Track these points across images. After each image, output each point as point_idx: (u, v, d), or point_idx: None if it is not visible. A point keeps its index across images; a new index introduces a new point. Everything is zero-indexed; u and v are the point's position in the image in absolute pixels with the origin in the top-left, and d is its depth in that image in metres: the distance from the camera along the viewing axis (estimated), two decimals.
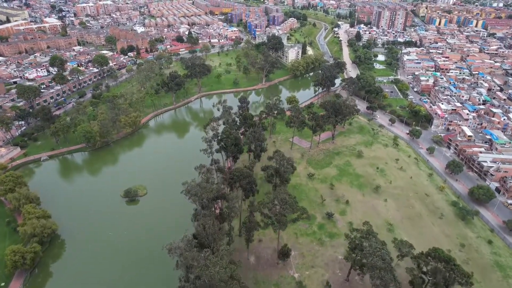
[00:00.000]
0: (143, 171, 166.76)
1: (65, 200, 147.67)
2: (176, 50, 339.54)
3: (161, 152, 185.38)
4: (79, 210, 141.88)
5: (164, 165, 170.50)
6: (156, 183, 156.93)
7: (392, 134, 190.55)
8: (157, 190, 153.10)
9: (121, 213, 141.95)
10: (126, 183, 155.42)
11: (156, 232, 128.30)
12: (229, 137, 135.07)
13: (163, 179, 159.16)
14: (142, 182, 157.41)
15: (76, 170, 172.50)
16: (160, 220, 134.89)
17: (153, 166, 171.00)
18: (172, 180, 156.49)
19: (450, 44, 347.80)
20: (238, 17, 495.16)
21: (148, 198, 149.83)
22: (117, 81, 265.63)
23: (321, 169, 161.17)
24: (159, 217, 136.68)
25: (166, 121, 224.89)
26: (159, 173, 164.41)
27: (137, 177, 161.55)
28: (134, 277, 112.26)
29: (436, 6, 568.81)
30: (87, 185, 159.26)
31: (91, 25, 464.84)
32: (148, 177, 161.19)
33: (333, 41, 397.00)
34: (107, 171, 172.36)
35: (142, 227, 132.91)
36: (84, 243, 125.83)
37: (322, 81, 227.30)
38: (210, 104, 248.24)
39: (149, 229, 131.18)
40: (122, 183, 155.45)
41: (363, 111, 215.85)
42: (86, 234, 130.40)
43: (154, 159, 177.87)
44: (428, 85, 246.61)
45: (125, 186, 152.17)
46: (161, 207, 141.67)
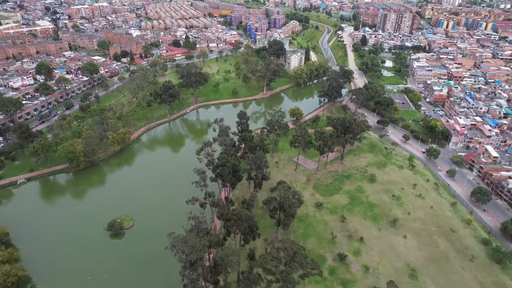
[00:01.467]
0: (131, 197, 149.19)
1: (41, 233, 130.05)
2: (172, 55, 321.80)
3: (152, 172, 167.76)
4: (56, 246, 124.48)
5: (155, 190, 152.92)
6: (144, 213, 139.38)
7: (407, 153, 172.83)
8: (146, 221, 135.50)
9: (104, 250, 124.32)
10: (111, 212, 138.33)
11: (142, 276, 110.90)
12: (226, 165, 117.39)
13: (153, 208, 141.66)
14: (129, 211, 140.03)
15: (55, 196, 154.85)
16: (147, 260, 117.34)
17: (143, 190, 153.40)
18: (163, 209, 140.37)
19: (460, 48, 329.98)
20: (237, 19, 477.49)
21: (135, 231, 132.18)
22: (108, 90, 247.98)
23: (330, 196, 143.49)
24: (146, 256, 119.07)
25: (160, 136, 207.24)
26: (149, 199, 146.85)
27: (124, 204, 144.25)
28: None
29: (442, 8, 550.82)
30: (67, 214, 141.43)
31: (85, 28, 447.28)
32: (136, 205, 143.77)
33: (337, 45, 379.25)
34: (91, 196, 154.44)
35: (126, 269, 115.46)
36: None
37: (328, 92, 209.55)
38: (208, 115, 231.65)
39: (134, 272, 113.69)
40: (107, 212, 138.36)
41: (373, 125, 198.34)
42: (62, 277, 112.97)
43: (144, 182, 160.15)
44: (441, 95, 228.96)
45: (110, 216, 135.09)
46: (149, 244, 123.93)
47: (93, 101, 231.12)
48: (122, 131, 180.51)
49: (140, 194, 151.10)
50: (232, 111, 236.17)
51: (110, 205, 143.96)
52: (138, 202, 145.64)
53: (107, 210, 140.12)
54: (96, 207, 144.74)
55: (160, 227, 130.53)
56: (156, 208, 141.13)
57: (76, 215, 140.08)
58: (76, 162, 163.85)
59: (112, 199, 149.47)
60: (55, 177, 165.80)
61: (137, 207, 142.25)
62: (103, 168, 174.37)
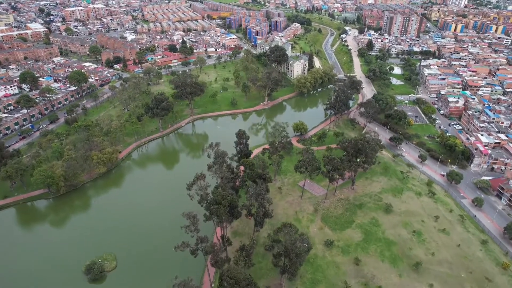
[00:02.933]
0: (115, 230, 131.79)
1: (7, 279, 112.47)
2: (168, 61, 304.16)
3: (141, 198, 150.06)
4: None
5: (144, 221, 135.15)
6: (130, 250, 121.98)
7: (425, 177, 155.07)
8: (130, 261, 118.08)
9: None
10: (91, 247, 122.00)
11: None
12: (221, 204, 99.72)
13: (139, 242, 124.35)
14: (112, 247, 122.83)
15: (28, 228, 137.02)
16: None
17: (129, 221, 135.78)
18: (150, 246, 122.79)
19: (472, 54, 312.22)
20: (237, 22, 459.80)
21: (118, 274, 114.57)
22: (97, 101, 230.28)
23: (341, 231, 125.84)
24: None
25: (152, 153, 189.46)
26: (135, 232, 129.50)
27: (107, 238, 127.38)
28: None
29: (449, 10, 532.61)
30: (39, 252, 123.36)
31: (79, 31, 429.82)
32: (120, 239, 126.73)
33: (342, 49, 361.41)
34: (70, 228, 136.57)
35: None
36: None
37: (336, 104, 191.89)
38: (204, 128, 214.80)
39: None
40: (87, 248, 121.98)
41: (384, 141, 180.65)
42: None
43: (130, 210, 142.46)
44: (457, 107, 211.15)
45: (90, 253, 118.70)
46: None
47: (80, 114, 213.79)
48: (108, 151, 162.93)
49: (126, 225, 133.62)
50: (231, 123, 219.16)
51: (91, 240, 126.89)
52: (123, 236, 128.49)
53: (87, 245, 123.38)
54: (75, 242, 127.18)
55: (147, 268, 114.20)
56: (143, 243, 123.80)
57: (51, 254, 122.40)
58: (55, 188, 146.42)
59: (94, 231, 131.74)
60: (32, 204, 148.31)
61: (121, 242, 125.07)
62: (86, 192, 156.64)
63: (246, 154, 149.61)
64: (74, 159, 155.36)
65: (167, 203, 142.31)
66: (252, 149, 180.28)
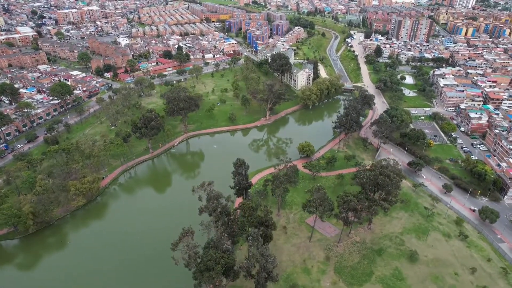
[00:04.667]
0: (96, 272, 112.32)
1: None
2: (162, 70, 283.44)
3: (128, 231, 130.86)
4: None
5: (131, 258, 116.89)
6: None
7: (452, 212, 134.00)
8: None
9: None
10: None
11: None
12: (214, 269, 78.86)
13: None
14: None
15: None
16: None
17: (114, 260, 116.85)
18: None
19: (489, 61, 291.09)
20: (237, 25, 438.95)
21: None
22: (82, 116, 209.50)
23: (359, 286, 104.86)
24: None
25: (140, 178, 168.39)
26: (121, 273, 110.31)
27: (86, 283, 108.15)
28: None
29: (457, 12, 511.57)
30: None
31: (71, 35, 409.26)
32: (103, 284, 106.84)
33: (347, 55, 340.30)
34: (40, 272, 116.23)
35: None
36: None
37: (347, 124, 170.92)
38: (200, 145, 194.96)
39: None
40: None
41: (401, 166, 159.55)
42: None
43: (115, 246, 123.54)
44: (480, 124, 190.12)
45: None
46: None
47: (62, 131, 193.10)
48: (88, 180, 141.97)
49: (110, 265, 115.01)
50: (229, 141, 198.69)
51: (66, 285, 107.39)
52: (106, 278, 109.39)
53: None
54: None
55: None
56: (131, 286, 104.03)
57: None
58: (22, 227, 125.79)
59: (70, 275, 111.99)
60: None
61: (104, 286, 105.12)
62: (62, 229, 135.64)
63: (246, 187, 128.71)
64: (48, 190, 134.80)
65: (158, 234, 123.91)
66: (252, 174, 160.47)
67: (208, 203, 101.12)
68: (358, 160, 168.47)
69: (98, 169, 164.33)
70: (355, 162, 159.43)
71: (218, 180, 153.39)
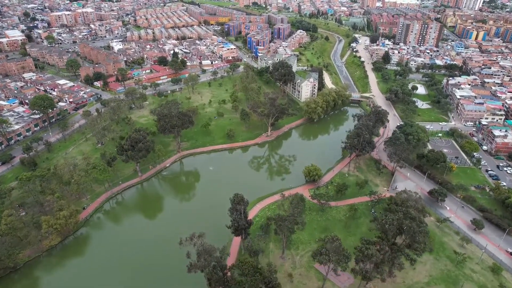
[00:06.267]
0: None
1: None
2: (156, 78, 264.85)
3: (110, 274, 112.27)
4: None
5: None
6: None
7: (486, 255, 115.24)
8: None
9: None
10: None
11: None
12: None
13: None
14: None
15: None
16: None
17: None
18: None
19: (505, 68, 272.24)
20: (236, 28, 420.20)
21: None
22: (66, 132, 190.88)
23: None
24: None
25: (128, 206, 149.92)
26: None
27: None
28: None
29: (466, 15, 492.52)
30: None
31: (62, 39, 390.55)
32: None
33: (353, 61, 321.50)
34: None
35: None
36: None
37: (358, 145, 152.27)
38: (195, 164, 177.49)
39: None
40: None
41: (421, 194, 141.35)
42: None
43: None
44: (506, 143, 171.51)
45: None
46: None
47: (42, 151, 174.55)
48: (63, 214, 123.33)
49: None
50: (227, 161, 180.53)
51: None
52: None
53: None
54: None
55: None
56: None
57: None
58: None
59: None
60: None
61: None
62: (32, 273, 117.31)
63: (245, 228, 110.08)
64: (15, 229, 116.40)
65: (146, 272, 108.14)
66: (253, 203, 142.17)
67: (199, 260, 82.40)
68: (371, 187, 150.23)
69: (79, 196, 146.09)
70: (369, 191, 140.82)
71: (214, 209, 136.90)
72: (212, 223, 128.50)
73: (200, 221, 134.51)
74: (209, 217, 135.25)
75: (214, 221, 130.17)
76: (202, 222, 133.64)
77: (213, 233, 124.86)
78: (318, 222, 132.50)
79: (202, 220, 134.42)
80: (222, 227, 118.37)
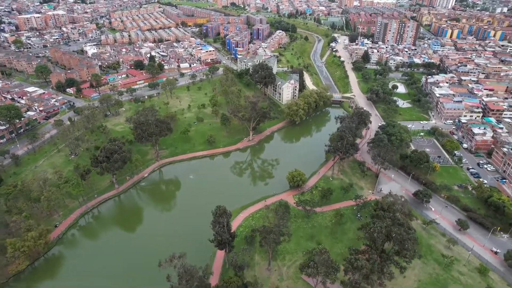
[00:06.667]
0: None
1: None
2: (132, 83, 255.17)
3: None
4: None
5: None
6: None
7: (472, 256, 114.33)
8: None
9: None
10: None
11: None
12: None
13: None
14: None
15: None
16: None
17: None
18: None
19: (480, 66, 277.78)
20: (215, 30, 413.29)
21: None
22: (36, 143, 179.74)
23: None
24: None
25: (104, 220, 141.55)
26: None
27: None
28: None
29: (440, 13, 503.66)
30: None
31: (32, 43, 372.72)
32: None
33: (333, 61, 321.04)
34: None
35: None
36: None
37: (342, 148, 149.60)
38: (176, 173, 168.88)
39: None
40: None
41: (405, 195, 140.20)
42: None
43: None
44: (485, 141, 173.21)
45: None
46: None
47: (8, 165, 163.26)
48: (31, 236, 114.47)
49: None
50: (209, 167, 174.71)
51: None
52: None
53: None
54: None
55: None
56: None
57: None
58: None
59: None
60: None
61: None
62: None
63: (228, 241, 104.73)
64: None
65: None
66: (236, 211, 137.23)
67: (181, 283, 76.64)
68: (356, 190, 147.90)
69: (50, 213, 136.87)
70: (354, 195, 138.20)
71: (196, 220, 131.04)
72: (194, 236, 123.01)
73: (182, 233, 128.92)
74: (191, 229, 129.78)
75: (196, 233, 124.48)
76: (183, 234, 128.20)
77: (195, 247, 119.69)
78: (304, 229, 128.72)
79: (184, 233, 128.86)
80: (204, 239, 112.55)
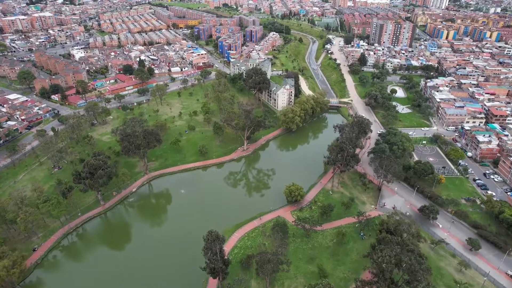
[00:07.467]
0: None
1: None
2: (121, 89, 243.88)
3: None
4: None
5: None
6: None
7: (488, 282, 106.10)
8: None
9: None
10: None
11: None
12: None
13: None
14: None
15: None
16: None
17: None
18: None
19: (478, 68, 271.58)
20: (207, 32, 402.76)
21: None
22: (15, 156, 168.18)
23: None
24: None
25: (89, 241, 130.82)
26: None
27: None
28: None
29: (435, 14, 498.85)
30: None
31: (16, 46, 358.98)
32: None
33: (329, 64, 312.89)
34: None
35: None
36: None
37: (342, 160, 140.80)
38: (166, 187, 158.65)
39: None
40: None
41: (410, 210, 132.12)
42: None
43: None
44: (490, 149, 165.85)
45: None
46: None
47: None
48: (4, 264, 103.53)
49: None
50: (201, 181, 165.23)
51: None
52: None
53: None
54: None
55: None
56: None
57: None
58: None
59: None
60: None
61: None
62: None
63: (222, 269, 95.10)
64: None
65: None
66: (230, 231, 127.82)
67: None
68: (358, 204, 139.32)
69: (28, 236, 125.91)
70: (356, 211, 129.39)
71: (187, 240, 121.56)
72: (185, 258, 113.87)
73: (172, 255, 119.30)
74: (181, 251, 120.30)
75: (187, 255, 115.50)
76: (174, 257, 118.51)
77: (186, 271, 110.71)
78: (303, 250, 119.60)
79: (174, 255, 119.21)
80: (196, 262, 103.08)
